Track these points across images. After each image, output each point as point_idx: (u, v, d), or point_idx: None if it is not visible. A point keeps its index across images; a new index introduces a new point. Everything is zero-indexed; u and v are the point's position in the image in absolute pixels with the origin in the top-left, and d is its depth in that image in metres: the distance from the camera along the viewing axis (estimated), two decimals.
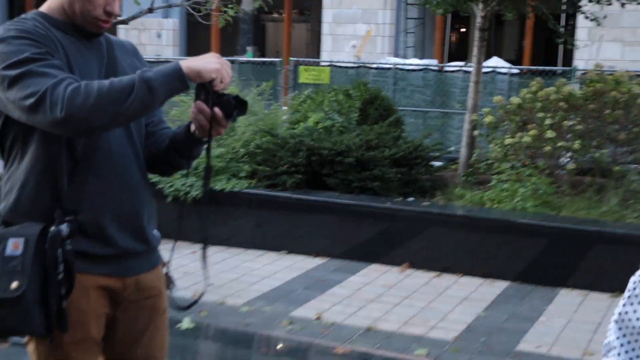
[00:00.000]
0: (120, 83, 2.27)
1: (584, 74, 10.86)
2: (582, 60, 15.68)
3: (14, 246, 2.30)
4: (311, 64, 13.85)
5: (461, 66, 13.27)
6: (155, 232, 2.74)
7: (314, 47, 23.05)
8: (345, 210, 8.04)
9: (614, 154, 9.20)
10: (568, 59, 17.28)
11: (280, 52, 21.96)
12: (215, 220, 8.16)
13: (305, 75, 12.79)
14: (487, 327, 6.32)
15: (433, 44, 19.87)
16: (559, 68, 13.31)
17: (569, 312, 6.76)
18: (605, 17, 10.01)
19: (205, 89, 2.39)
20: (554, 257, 7.48)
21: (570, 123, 8.99)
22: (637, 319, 2.01)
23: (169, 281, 2.78)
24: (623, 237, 7.42)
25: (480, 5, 9.27)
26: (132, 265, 2.59)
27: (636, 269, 6.31)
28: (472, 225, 7.87)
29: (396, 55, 18.30)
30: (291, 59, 13.67)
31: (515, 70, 12.90)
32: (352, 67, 13.87)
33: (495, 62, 14.00)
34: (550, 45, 19.41)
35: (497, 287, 7.33)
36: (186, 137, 2.63)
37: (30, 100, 2.20)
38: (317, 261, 7.86)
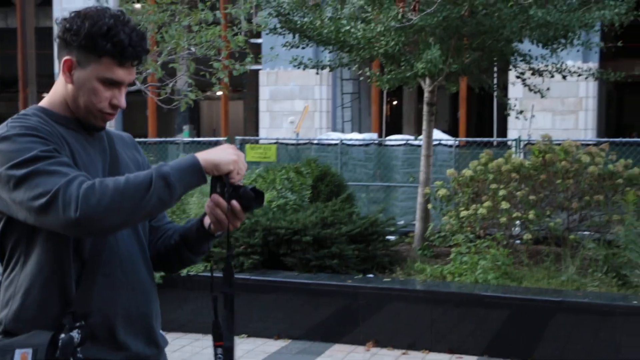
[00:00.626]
0: (137, 180, 2.19)
1: (529, 144, 11.07)
2: (516, 129, 16.07)
3: (22, 358, 2.18)
4: (252, 142, 13.88)
5: (406, 140, 13.53)
6: (162, 332, 2.65)
7: (251, 124, 23.06)
8: (305, 290, 7.97)
9: (567, 222, 9.33)
10: (501, 129, 17.71)
11: (217, 130, 21.91)
12: (172, 305, 7.97)
13: (252, 154, 12.77)
14: None
15: (369, 116, 20.08)
16: (504, 139, 13.58)
17: None
18: (548, 88, 10.38)
19: (222, 181, 2.33)
20: (519, 329, 7.49)
21: (523, 193, 9.11)
22: None
23: None
24: (585, 306, 7.47)
25: (428, 81, 9.46)
26: None
27: (601, 338, 6.51)
28: (435, 299, 7.85)
29: (334, 129, 18.53)
30: (237, 137, 13.66)
31: (456, 142, 13.17)
32: (299, 144, 13.94)
33: (435, 134, 14.30)
34: (482, 116, 19.86)
35: None
36: (199, 232, 2.56)
37: (41, 201, 2.10)
38: (280, 344, 7.75)
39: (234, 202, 2.36)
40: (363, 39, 8.87)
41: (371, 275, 8.59)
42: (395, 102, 24.03)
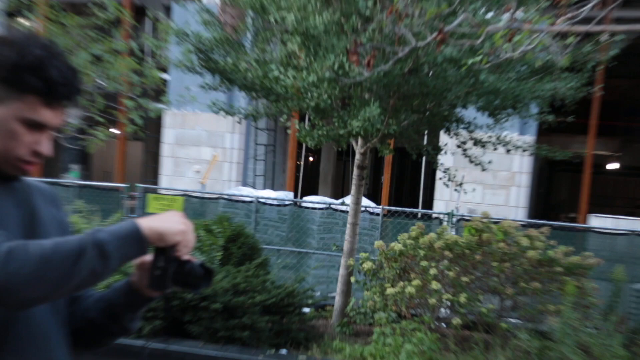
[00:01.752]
0: (66, 246, 1.99)
1: (462, 219, 11.25)
2: (442, 201, 16.41)
3: None
4: (155, 191, 13.75)
5: (329, 204, 13.46)
6: None
7: (151, 170, 22.60)
8: None
9: (499, 308, 9.36)
10: (426, 198, 17.98)
11: (110, 173, 21.46)
12: None
13: (155, 205, 12.54)
14: None
15: (282, 173, 19.97)
16: (435, 212, 13.59)
17: None
18: (490, 161, 10.41)
19: (165, 254, 2.18)
20: None
21: (455, 273, 9.08)
22: None
23: None
24: None
25: (360, 141, 9.40)
26: None
27: None
28: None
29: (244, 183, 18.42)
30: (139, 185, 13.40)
31: (378, 210, 13.10)
32: (205, 198, 13.90)
33: (349, 200, 14.29)
34: (407, 184, 19.95)
35: None
36: (130, 297, 2.41)
37: None
38: None
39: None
40: (292, 88, 8.82)
41: (284, 351, 8.57)
42: (311, 159, 23.94)
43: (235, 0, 9.46)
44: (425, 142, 10.57)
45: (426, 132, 10.42)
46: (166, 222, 2.17)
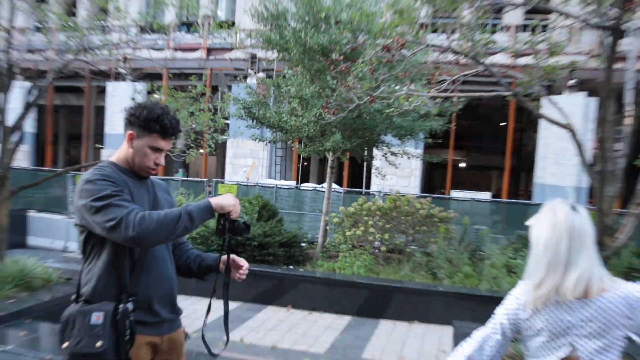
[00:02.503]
0: (171, 214, 2.21)
1: (386, 194, 11.24)
2: (376, 184, 16.43)
3: (97, 318, 2.21)
4: (221, 182, 13.71)
5: (314, 187, 13.55)
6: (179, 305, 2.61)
7: (220, 171, 22.68)
8: (252, 274, 7.76)
9: (406, 241, 9.53)
10: (367, 183, 17.85)
11: (200, 173, 21.57)
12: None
13: (222, 189, 12.63)
14: (343, 344, 6.42)
15: (290, 171, 19.73)
16: (371, 190, 13.73)
17: (388, 334, 6.98)
18: (400, 163, 10.78)
19: (224, 217, 2.35)
20: (377, 301, 7.67)
21: (382, 223, 9.29)
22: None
23: (186, 336, 2.65)
24: (413, 289, 7.73)
25: (331, 154, 9.61)
26: (167, 327, 2.48)
27: (420, 310, 6.76)
28: (329, 282, 7.93)
29: (270, 177, 18.30)
30: (213, 179, 13.68)
31: (341, 190, 13.29)
32: (249, 185, 13.86)
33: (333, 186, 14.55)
34: (356, 175, 20.13)
35: (344, 320, 7.43)
36: (212, 268, 2.60)
37: (111, 223, 2.13)
38: (234, 304, 7.71)
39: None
40: (294, 126, 8.99)
41: (292, 267, 8.64)
42: (305, 163, 24.19)
43: (264, 81, 9.90)
44: (365, 153, 10.67)
45: (366, 148, 10.41)
46: (224, 199, 2.32)
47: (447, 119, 9.32)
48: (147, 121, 2.35)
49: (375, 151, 10.75)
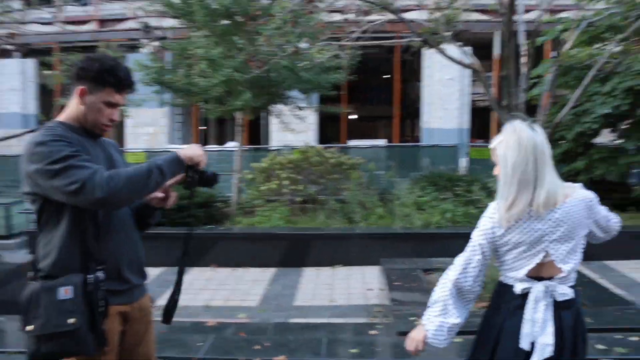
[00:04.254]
0: (141, 169, 2.03)
1: (293, 148, 11.02)
2: (276, 140, 16.25)
3: (65, 292, 2.00)
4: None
5: (221, 148, 13.28)
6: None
7: (119, 141, 21.41)
8: (172, 237, 7.41)
9: (319, 190, 9.56)
10: (265, 139, 17.86)
11: None
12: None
13: (131, 158, 11.61)
14: (273, 294, 6.41)
15: (190, 135, 19.18)
16: (279, 147, 13.50)
17: (314, 280, 7.04)
18: (306, 117, 10.70)
19: (192, 168, 2.18)
20: (298, 250, 7.71)
21: (294, 175, 9.25)
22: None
23: (152, 300, 2.48)
24: (332, 235, 7.89)
25: (240, 114, 9.37)
26: (136, 294, 2.30)
27: (341, 253, 6.82)
28: (249, 237, 7.91)
29: (171, 143, 17.57)
30: None
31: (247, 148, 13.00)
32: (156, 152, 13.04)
33: (233, 144, 14.13)
34: (254, 131, 19.92)
35: (269, 272, 7.38)
36: (147, 208, 2.38)
37: (74, 186, 1.92)
38: (158, 270, 7.31)
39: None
40: (203, 88, 8.65)
41: (211, 226, 8.53)
42: (205, 127, 23.34)
43: (166, 45, 9.36)
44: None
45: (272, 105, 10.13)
46: (192, 150, 2.18)
47: (346, 71, 9.19)
48: (100, 74, 2.12)
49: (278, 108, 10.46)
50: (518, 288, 2.17)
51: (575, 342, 2.16)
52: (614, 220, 2.33)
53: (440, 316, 2.21)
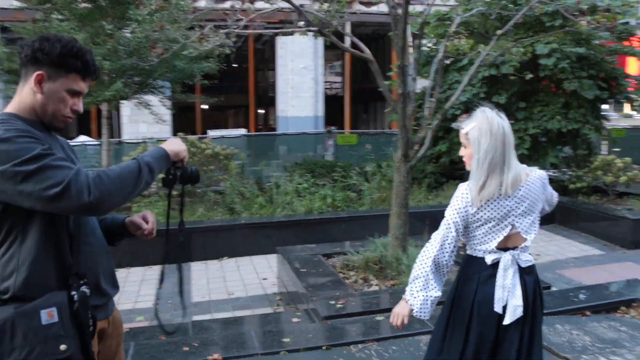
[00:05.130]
0: (129, 167, 1.81)
1: (159, 140, 10.68)
2: (127, 133, 15.58)
3: (49, 315, 1.74)
4: None
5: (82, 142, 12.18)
6: None
7: None
8: None
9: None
10: (116, 132, 16.88)
11: None
12: None
13: None
14: (166, 294, 5.84)
15: None
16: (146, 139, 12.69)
17: (204, 274, 6.86)
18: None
19: (175, 165, 2.02)
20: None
21: None
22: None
23: None
24: (215, 227, 7.71)
25: (106, 105, 8.71)
26: (110, 306, 2.10)
27: (226, 245, 6.76)
28: None
29: None
30: None
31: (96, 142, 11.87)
32: None
33: (83, 138, 13.23)
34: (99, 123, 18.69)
35: (155, 270, 6.99)
36: (120, 229, 2.18)
37: (55, 190, 1.65)
38: None
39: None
40: None
41: None
42: None
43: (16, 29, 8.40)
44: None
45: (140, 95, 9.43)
46: (177, 145, 2.02)
47: (218, 60, 8.90)
48: (64, 57, 1.85)
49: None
50: (489, 259, 2.40)
51: (535, 301, 2.45)
52: (555, 195, 2.67)
53: (422, 290, 2.38)
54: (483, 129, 2.34)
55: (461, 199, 2.37)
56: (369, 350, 3.77)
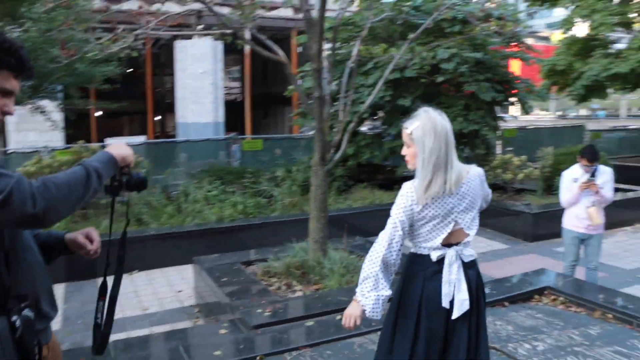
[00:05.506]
0: (76, 174, 1.64)
1: (54, 149, 9.90)
2: (14, 142, 14.53)
3: None
4: None
5: None
6: None
7: None
8: None
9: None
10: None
11: None
12: None
13: None
14: (75, 314, 5.83)
15: None
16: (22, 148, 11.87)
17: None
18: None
19: (121, 170, 1.87)
20: (84, 261, 6.91)
21: None
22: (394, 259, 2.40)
23: None
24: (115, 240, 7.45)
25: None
26: (49, 330, 1.87)
27: (135, 258, 6.50)
28: None
29: None
30: None
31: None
32: None
33: None
34: None
35: (59, 288, 6.57)
36: (58, 246, 1.99)
37: None
38: None
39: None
40: None
41: None
42: None
43: None
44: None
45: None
46: (123, 149, 1.87)
47: (119, 63, 8.55)
48: None
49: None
50: (434, 256, 2.44)
51: (479, 294, 2.53)
52: (490, 192, 2.77)
53: (373, 290, 2.38)
54: (427, 129, 2.38)
55: (406, 198, 2.39)
56: (304, 356, 3.73)
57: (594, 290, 4.78)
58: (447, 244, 2.45)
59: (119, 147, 1.87)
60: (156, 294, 6.47)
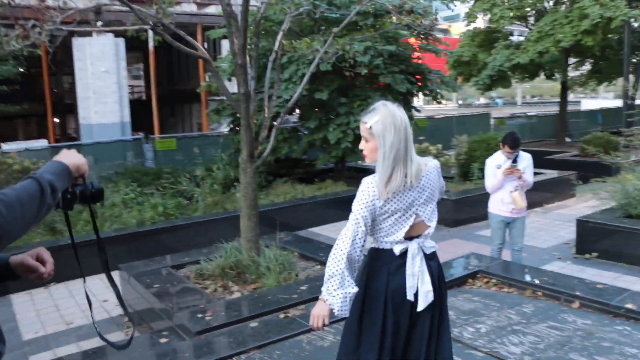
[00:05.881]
0: (29, 188, 1.44)
1: None
2: None
3: None
4: None
5: None
6: None
7: None
8: None
9: None
10: None
11: None
12: None
13: None
14: None
15: None
16: None
17: (31, 305, 6.18)
18: None
19: (75, 181, 1.70)
20: None
21: None
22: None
23: None
24: None
25: None
26: None
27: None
28: None
29: None
30: None
31: None
32: None
33: None
34: None
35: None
36: (7, 272, 1.73)
37: None
38: None
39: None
40: None
41: None
42: None
43: None
44: None
45: None
46: (75, 157, 1.70)
47: (15, 62, 7.99)
48: None
49: None
50: (397, 249, 2.44)
51: (441, 285, 2.58)
52: (444, 183, 2.82)
53: (340, 288, 2.34)
54: (387, 123, 2.37)
55: (367, 193, 2.36)
56: (254, 359, 3.65)
57: (521, 271, 5.03)
58: (408, 237, 2.45)
59: (71, 155, 1.69)
60: (79, 305, 6.13)
